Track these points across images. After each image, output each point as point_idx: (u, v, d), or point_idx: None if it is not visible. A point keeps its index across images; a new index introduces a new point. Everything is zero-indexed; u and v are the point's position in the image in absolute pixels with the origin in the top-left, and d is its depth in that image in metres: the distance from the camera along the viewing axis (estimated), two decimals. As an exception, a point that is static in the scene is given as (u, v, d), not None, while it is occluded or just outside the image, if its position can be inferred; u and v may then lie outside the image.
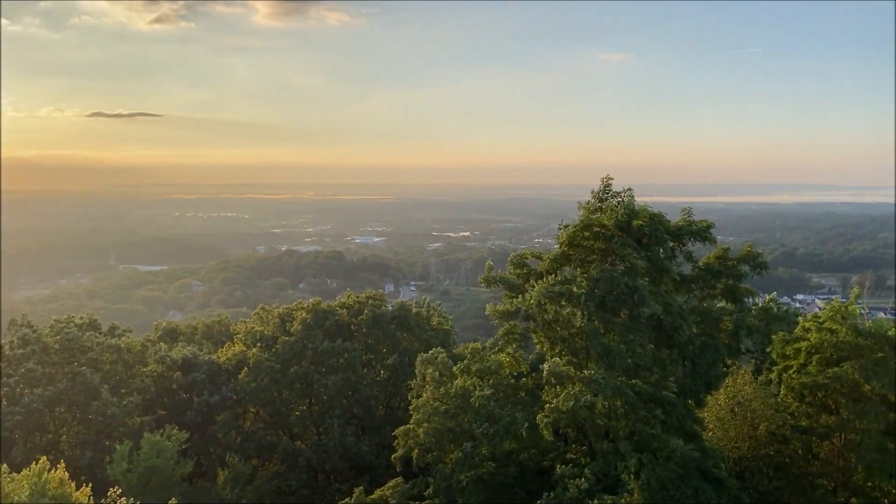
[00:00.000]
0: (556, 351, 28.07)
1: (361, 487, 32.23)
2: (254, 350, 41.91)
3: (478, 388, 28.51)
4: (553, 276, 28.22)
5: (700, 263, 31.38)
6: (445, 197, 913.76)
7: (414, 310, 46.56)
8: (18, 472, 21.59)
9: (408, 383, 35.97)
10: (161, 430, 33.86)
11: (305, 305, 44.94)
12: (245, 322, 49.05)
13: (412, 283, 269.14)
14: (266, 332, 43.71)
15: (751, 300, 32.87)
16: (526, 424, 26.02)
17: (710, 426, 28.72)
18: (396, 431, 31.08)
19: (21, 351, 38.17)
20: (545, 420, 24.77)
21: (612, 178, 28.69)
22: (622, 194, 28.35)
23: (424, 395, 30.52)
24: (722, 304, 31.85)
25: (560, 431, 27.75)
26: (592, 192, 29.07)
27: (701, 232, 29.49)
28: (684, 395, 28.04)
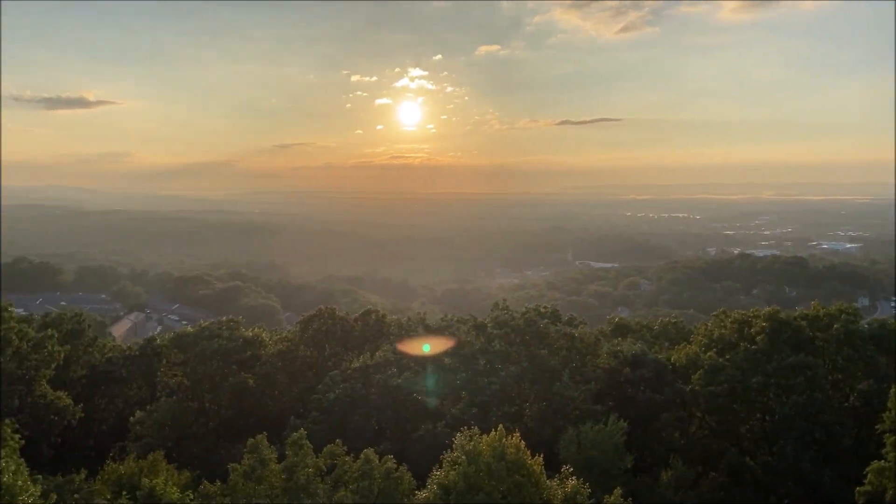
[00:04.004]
0: None
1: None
2: (709, 353, 40.68)
3: None
4: None
5: None
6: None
7: (898, 329, 39.30)
8: (488, 434, 24.82)
9: (883, 415, 30.62)
10: (605, 420, 35.38)
11: (762, 313, 41.92)
12: (705, 324, 48.01)
13: (894, 299, 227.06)
14: (725, 336, 42.04)
15: None
16: None
17: None
18: (868, 468, 26.81)
19: (496, 331, 44.50)
20: None
21: None
22: None
23: None
24: None
25: None
26: None
27: None
28: None
